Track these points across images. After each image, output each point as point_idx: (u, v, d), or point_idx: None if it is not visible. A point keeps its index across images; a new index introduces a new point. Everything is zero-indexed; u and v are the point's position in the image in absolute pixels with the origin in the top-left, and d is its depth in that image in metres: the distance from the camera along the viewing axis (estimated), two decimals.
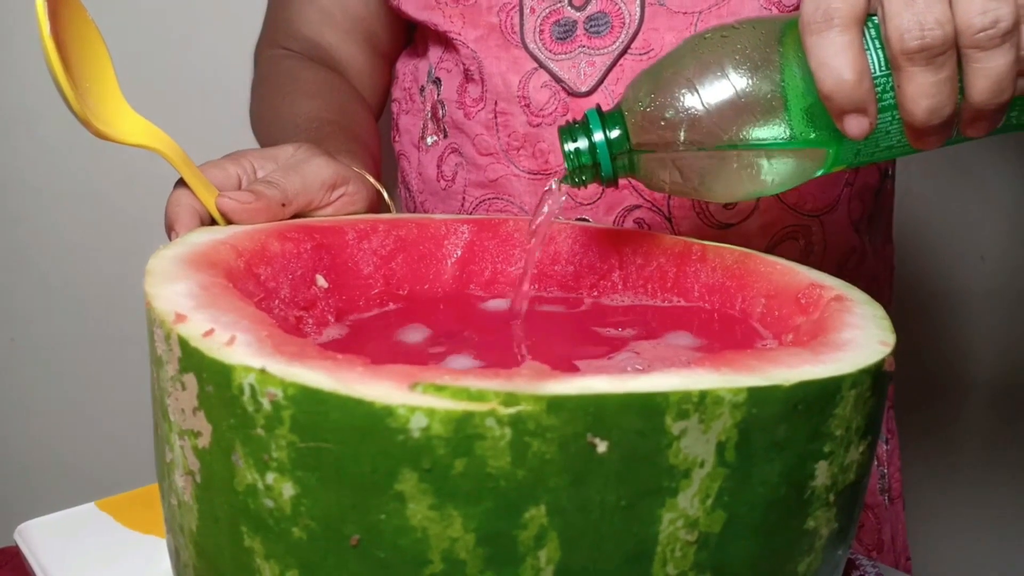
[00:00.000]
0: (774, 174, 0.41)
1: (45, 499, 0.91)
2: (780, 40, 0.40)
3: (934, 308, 1.14)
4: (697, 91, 0.40)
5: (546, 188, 0.46)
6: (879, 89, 0.38)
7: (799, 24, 0.38)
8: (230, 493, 0.31)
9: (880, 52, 0.38)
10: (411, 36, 0.74)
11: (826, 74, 0.37)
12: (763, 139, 0.40)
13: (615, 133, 0.43)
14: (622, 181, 0.61)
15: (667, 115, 0.41)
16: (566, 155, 0.44)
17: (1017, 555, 1.22)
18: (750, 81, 0.40)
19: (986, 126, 0.39)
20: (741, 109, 0.40)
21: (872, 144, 0.40)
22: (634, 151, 0.43)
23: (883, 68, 0.38)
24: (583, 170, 0.44)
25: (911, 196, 1.07)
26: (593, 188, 0.62)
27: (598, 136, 0.43)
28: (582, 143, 0.43)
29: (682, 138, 0.41)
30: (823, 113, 0.39)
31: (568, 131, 0.44)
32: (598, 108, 0.44)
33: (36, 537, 0.48)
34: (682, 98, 0.41)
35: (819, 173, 0.42)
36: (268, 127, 0.68)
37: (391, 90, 0.76)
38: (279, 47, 0.74)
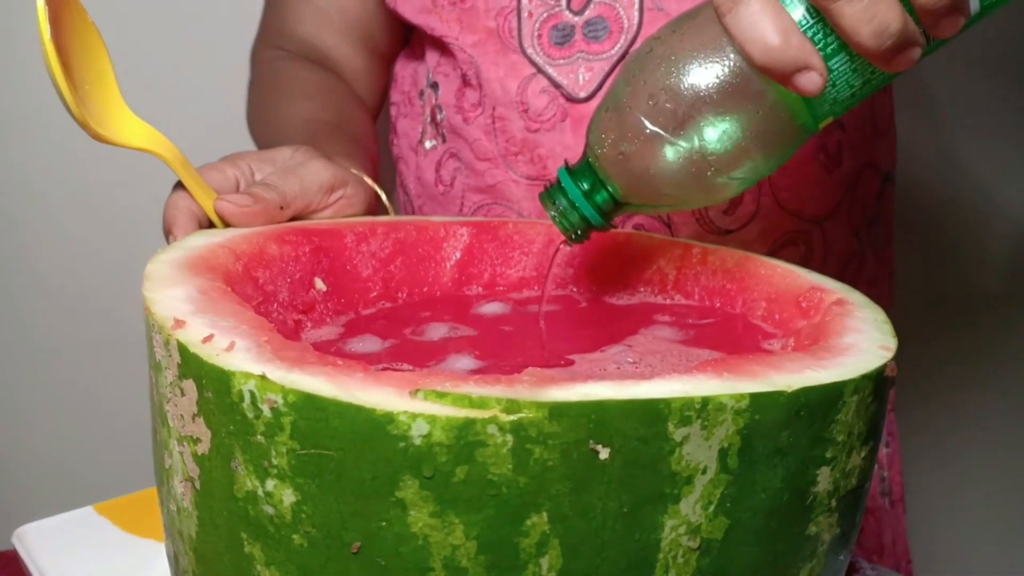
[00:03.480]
0: (757, 158, 0.40)
1: (43, 503, 0.91)
2: (704, 31, 0.39)
3: (934, 311, 1.14)
4: (644, 117, 0.39)
5: (556, 247, 0.47)
6: (818, 37, 0.37)
7: (715, 11, 0.37)
8: (230, 500, 0.31)
9: (802, 4, 0.37)
10: (409, 37, 0.74)
11: (752, 47, 0.36)
12: (731, 134, 0.39)
13: (588, 185, 0.42)
14: None
15: (623, 150, 0.40)
16: (554, 221, 0.44)
17: (1019, 558, 1.22)
18: (691, 84, 0.38)
19: (953, 21, 0.36)
20: (693, 115, 0.39)
21: (846, 87, 0.39)
22: (615, 194, 0.42)
23: (813, 16, 0.37)
24: (575, 228, 0.43)
25: (911, 199, 1.07)
26: None
27: (575, 193, 0.42)
28: (561, 203, 0.43)
29: (651, 165, 0.40)
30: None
31: (548, 196, 0.44)
32: (566, 164, 0.43)
33: (34, 541, 0.47)
34: (633, 128, 0.40)
35: (807, 137, 0.41)
36: (265, 129, 0.68)
37: (389, 93, 0.76)
38: (276, 48, 0.74)
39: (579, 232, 0.44)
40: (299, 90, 0.68)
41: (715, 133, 0.39)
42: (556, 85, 0.61)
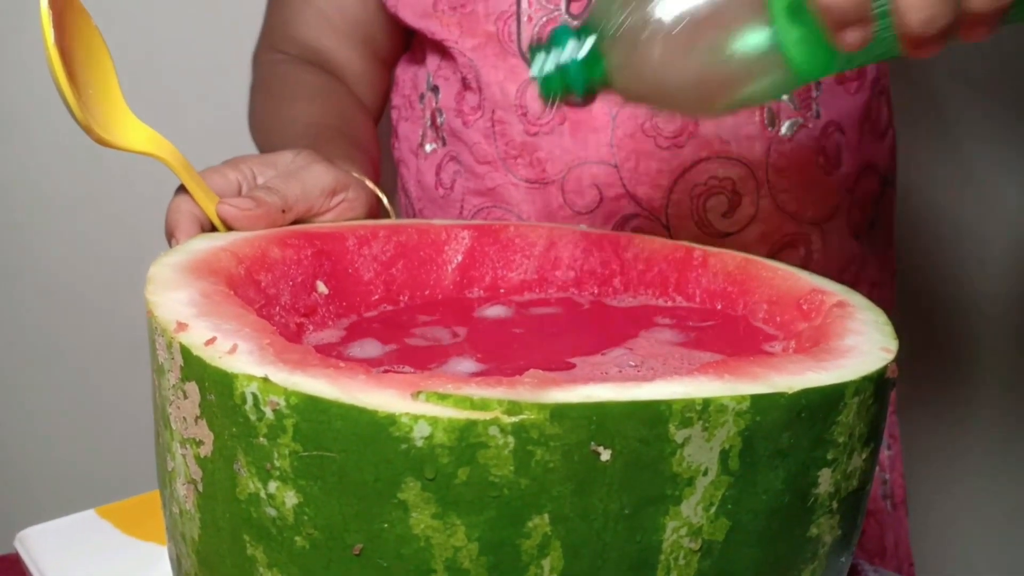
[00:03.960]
0: (757, 80, 0.40)
1: (45, 506, 0.91)
2: None
3: (936, 313, 1.14)
4: (658, 8, 0.39)
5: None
6: None
7: None
8: (232, 502, 0.31)
9: None
10: (410, 41, 0.74)
11: None
12: (744, 45, 0.39)
13: (585, 52, 0.41)
14: (617, 188, 0.61)
15: (626, 31, 0.39)
16: (535, 77, 0.42)
17: (1022, 561, 1.21)
18: None
19: (986, 31, 0.37)
20: (717, 15, 0.38)
21: (863, 53, 0.39)
22: (607, 68, 0.41)
23: None
24: (555, 92, 0.42)
25: (912, 201, 1.07)
26: (591, 198, 0.62)
27: (573, 60, 0.41)
28: (550, 64, 0.42)
29: (650, 54, 0.39)
30: (808, 21, 0.38)
31: (539, 50, 0.42)
32: (566, 27, 0.42)
33: (36, 544, 0.48)
34: (644, 15, 0.39)
35: (806, 80, 0.41)
36: (267, 132, 0.68)
37: (391, 96, 0.76)
38: (277, 51, 0.74)
39: (556, 97, 0.43)
40: (300, 93, 0.68)
41: (730, 39, 0.39)
42: None
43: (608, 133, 0.60)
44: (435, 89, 0.68)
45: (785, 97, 0.61)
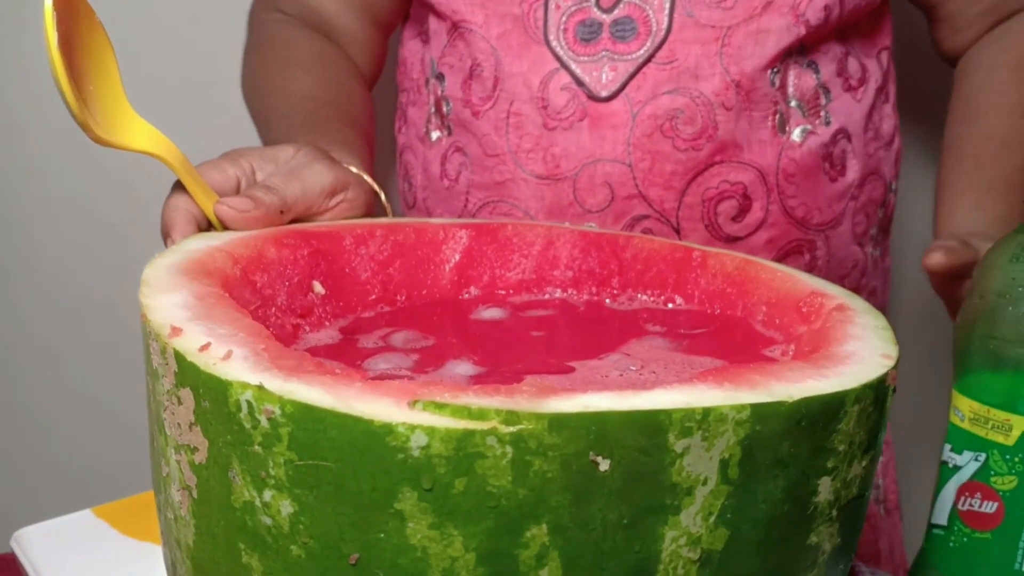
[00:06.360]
0: None
1: (41, 505, 0.90)
2: None
3: (929, 318, 1.13)
4: None
5: None
6: None
7: None
8: (227, 509, 0.31)
9: None
10: (408, 10, 0.73)
11: None
12: None
13: None
14: (630, 187, 0.60)
15: None
16: None
17: None
18: None
19: None
20: None
21: None
22: None
23: None
24: None
25: (906, 208, 1.07)
26: (603, 196, 0.61)
27: None
28: None
29: None
30: None
31: None
32: None
33: (32, 544, 0.47)
34: None
35: None
36: (262, 100, 0.66)
37: (399, 80, 0.74)
38: (276, 10, 0.72)
39: None
40: (298, 61, 0.67)
41: None
42: (579, 82, 0.60)
43: (627, 131, 0.59)
44: (440, 76, 0.66)
45: (794, 103, 0.61)
